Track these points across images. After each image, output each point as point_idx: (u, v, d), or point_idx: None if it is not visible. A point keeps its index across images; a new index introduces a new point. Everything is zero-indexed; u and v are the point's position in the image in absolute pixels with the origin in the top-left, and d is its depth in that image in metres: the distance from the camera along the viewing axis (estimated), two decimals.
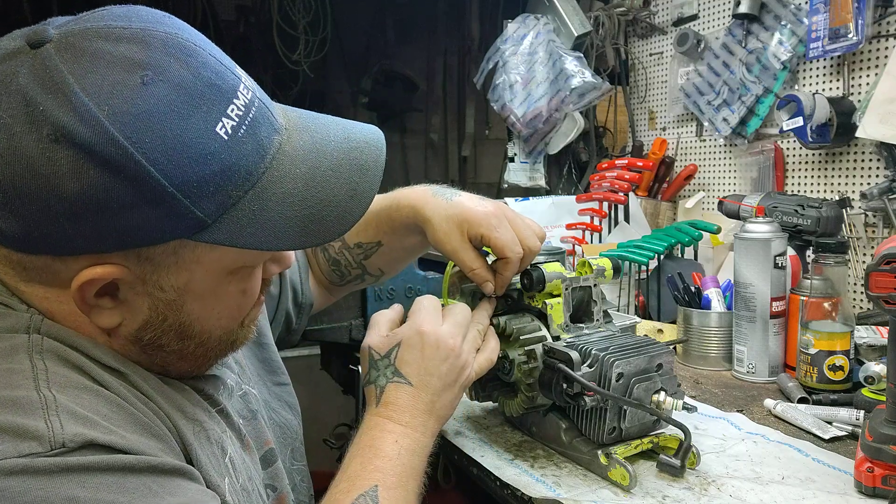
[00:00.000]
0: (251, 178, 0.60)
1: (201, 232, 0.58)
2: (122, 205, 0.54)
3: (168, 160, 0.54)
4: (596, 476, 0.90)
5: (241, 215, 0.59)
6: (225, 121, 0.58)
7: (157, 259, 0.59)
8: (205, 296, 0.64)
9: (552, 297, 0.99)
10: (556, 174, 2.47)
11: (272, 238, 0.60)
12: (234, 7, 3.03)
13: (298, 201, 0.62)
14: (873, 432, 0.83)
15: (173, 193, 0.55)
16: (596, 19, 2.32)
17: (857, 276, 1.60)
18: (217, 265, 0.63)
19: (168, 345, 0.65)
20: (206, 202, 0.57)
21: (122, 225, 0.55)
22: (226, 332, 0.69)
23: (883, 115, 1.48)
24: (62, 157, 0.52)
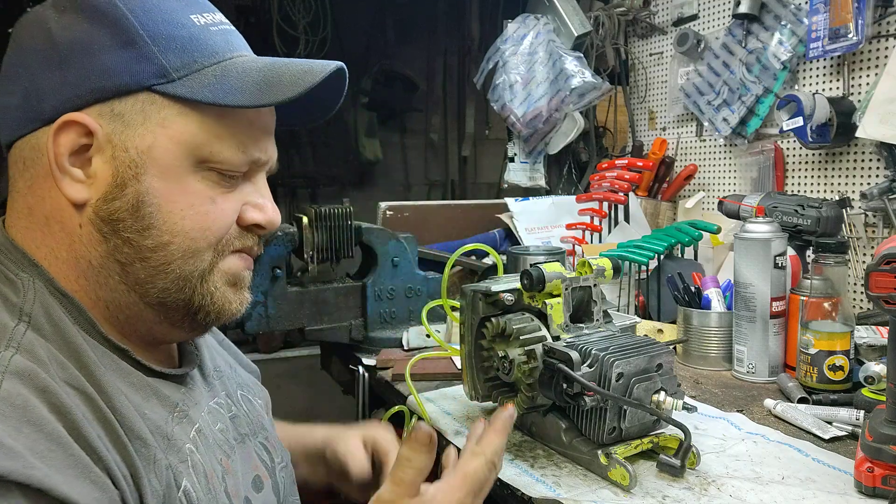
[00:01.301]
0: (216, 56, 0.68)
1: (166, 84, 0.65)
2: (101, 46, 0.64)
3: (143, 12, 0.66)
4: (596, 476, 0.90)
5: (204, 78, 0.67)
6: (200, 16, 0.69)
7: (127, 116, 0.65)
8: (168, 175, 0.66)
9: (552, 297, 0.99)
10: (556, 174, 2.47)
11: (230, 95, 0.66)
12: (234, 7, 3.03)
13: (256, 72, 0.68)
14: (873, 432, 0.83)
15: (143, 36, 0.65)
16: (596, 19, 2.32)
17: (857, 276, 1.60)
18: (182, 136, 0.66)
19: (124, 225, 0.66)
20: (171, 55, 0.66)
21: (100, 65, 0.64)
22: (192, 246, 0.68)
23: (883, 115, 1.48)
24: (66, 17, 0.65)
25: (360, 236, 1.53)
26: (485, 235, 2.04)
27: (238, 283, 0.75)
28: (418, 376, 1.31)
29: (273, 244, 1.43)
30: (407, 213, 2.00)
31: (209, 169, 0.68)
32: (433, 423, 1.12)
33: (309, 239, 1.46)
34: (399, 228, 1.71)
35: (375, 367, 1.43)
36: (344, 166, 3.45)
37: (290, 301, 1.46)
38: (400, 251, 1.56)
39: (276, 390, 1.02)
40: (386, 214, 1.97)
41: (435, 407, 1.18)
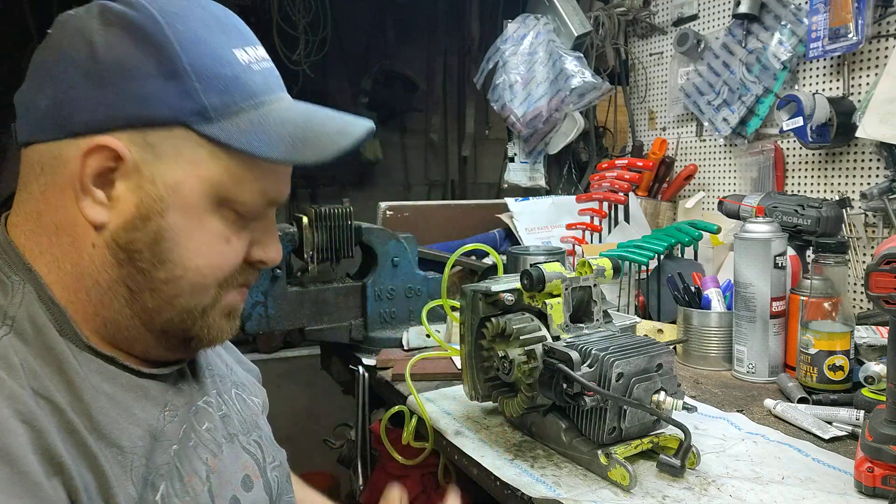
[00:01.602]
0: (255, 99, 0.68)
1: (203, 123, 0.65)
2: (145, 72, 0.64)
3: (191, 45, 0.65)
4: (596, 476, 0.90)
5: (242, 123, 0.66)
6: (242, 51, 0.69)
7: (160, 147, 0.65)
8: (189, 213, 0.67)
9: (552, 297, 0.99)
10: (556, 174, 2.47)
11: (265, 146, 0.66)
12: (234, 7, 3.02)
13: (293, 126, 0.69)
14: (873, 432, 0.83)
15: (188, 71, 0.64)
16: (596, 19, 2.32)
17: (857, 276, 1.60)
18: (209, 177, 0.67)
19: (141, 256, 0.66)
20: (212, 94, 0.65)
21: (140, 92, 0.63)
22: (200, 282, 0.69)
23: (883, 115, 1.48)
24: (113, 33, 0.64)
25: (360, 236, 1.53)
26: (485, 235, 2.04)
27: (232, 314, 0.76)
28: (418, 376, 1.31)
29: None
30: (407, 213, 2.00)
31: (228, 208, 0.69)
32: (433, 423, 1.12)
33: (309, 239, 1.46)
34: (399, 228, 1.71)
35: (375, 367, 1.43)
36: (344, 166, 3.45)
37: (290, 301, 1.46)
38: (400, 251, 1.56)
39: (276, 390, 1.02)
40: (386, 214, 1.97)
41: (435, 407, 1.18)
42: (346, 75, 3.36)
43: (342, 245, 1.49)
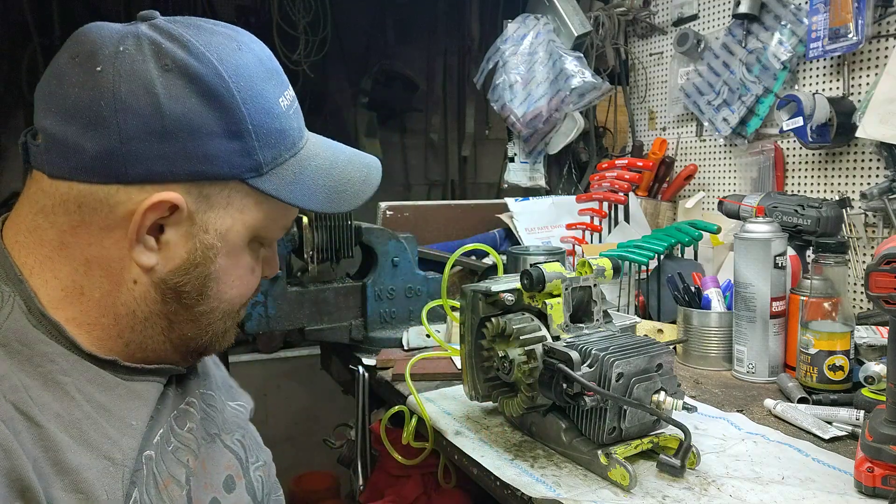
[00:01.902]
0: (295, 147, 0.73)
1: (256, 178, 0.69)
2: (210, 132, 0.65)
3: (252, 103, 0.67)
4: (596, 476, 0.90)
5: (286, 174, 0.71)
6: (284, 97, 0.72)
7: (213, 198, 0.68)
8: (231, 254, 0.72)
9: (552, 297, 0.99)
10: (556, 174, 2.47)
11: (305, 198, 0.72)
12: (234, 7, 3.03)
13: (325, 175, 0.75)
14: (873, 432, 0.83)
15: (250, 131, 0.67)
16: (596, 19, 2.32)
17: (857, 276, 1.60)
18: (253, 222, 0.72)
19: (189, 295, 0.70)
20: (266, 151, 0.69)
21: (205, 150, 0.65)
22: (231, 308, 0.76)
23: (883, 115, 1.48)
24: (175, 83, 0.63)
25: (360, 236, 1.53)
26: (485, 235, 2.04)
27: (240, 320, 0.82)
28: (418, 376, 1.31)
29: None
30: (407, 213, 2.00)
31: (257, 242, 0.75)
32: (433, 423, 1.12)
33: (309, 239, 1.46)
34: (399, 228, 1.71)
35: (375, 367, 1.43)
36: None
37: (290, 301, 1.46)
38: (400, 251, 1.56)
39: (276, 390, 1.02)
40: (386, 214, 1.97)
41: (435, 407, 1.18)
42: (346, 75, 3.36)
43: (342, 245, 1.49)
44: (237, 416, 0.88)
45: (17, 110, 2.79)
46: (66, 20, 2.62)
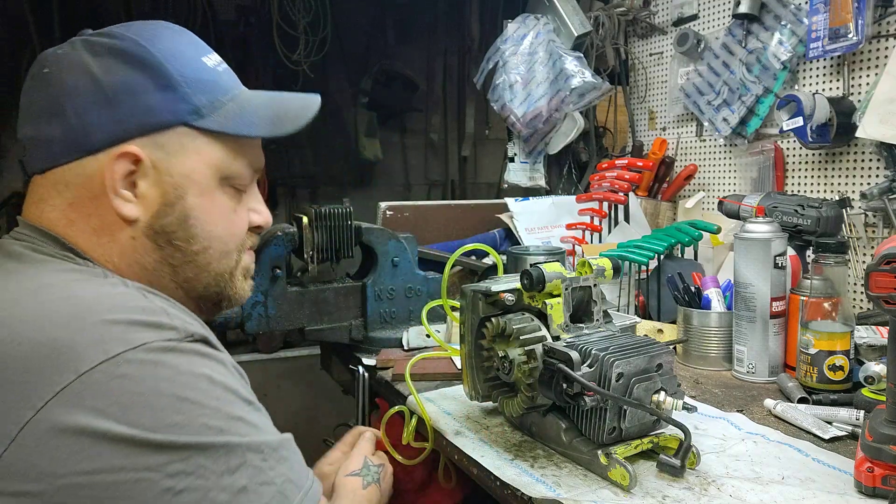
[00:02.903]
0: (230, 94, 0.84)
1: (199, 119, 0.80)
2: (145, 88, 0.77)
3: (174, 59, 0.79)
4: (596, 476, 0.90)
5: (227, 113, 0.82)
6: (208, 58, 0.84)
7: (168, 146, 0.79)
8: (203, 193, 0.81)
9: (552, 297, 0.99)
10: (556, 174, 2.47)
11: (252, 127, 0.83)
12: (234, 7, 3.03)
13: (265, 108, 0.86)
14: (873, 432, 0.83)
15: (179, 81, 0.78)
16: (596, 19, 2.32)
17: (857, 276, 1.60)
18: (211, 160, 0.81)
19: (176, 235, 0.80)
20: (201, 95, 0.80)
21: (145, 105, 0.77)
22: (224, 248, 0.85)
23: (883, 115, 1.48)
24: (106, 61, 0.77)
25: (360, 236, 1.53)
26: (485, 235, 2.04)
27: (247, 274, 0.92)
28: (418, 376, 1.31)
29: (273, 244, 1.43)
30: (407, 213, 2.00)
31: (229, 185, 0.85)
32: (433, 423, 1.12)
33: (309, 239, 1.46)
34: (399, 228, 1.71)
35: (375, 367, 1.43)
36: (344, 166, 3.45)
37: (290, 301, 1.45)
38: (400, 251, 1.56)
39: (276, 390, 1.03)
40: (386, 214, 1.97)
41: (435, 407, 1.18)
42: (346, 75, 3.36)
43: (342, 245, 1.49)
44: None
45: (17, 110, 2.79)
46: (66, 20, 2.61)
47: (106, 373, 0.61)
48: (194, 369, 0.67)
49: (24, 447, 0.59)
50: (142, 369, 0.63)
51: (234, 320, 1.40)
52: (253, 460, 0.67)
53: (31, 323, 0.65)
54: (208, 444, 0.64)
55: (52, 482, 0.58)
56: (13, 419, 0.59)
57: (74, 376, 0.61)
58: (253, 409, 0.72)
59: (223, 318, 1.39)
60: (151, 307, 0.70)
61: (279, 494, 0.68)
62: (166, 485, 0.61)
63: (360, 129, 3.42)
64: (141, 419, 0.61)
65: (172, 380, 0.64)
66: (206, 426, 0.64)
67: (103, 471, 0.59)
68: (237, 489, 0.65)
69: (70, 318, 0.65)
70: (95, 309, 0.67)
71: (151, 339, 0.65)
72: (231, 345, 2.77)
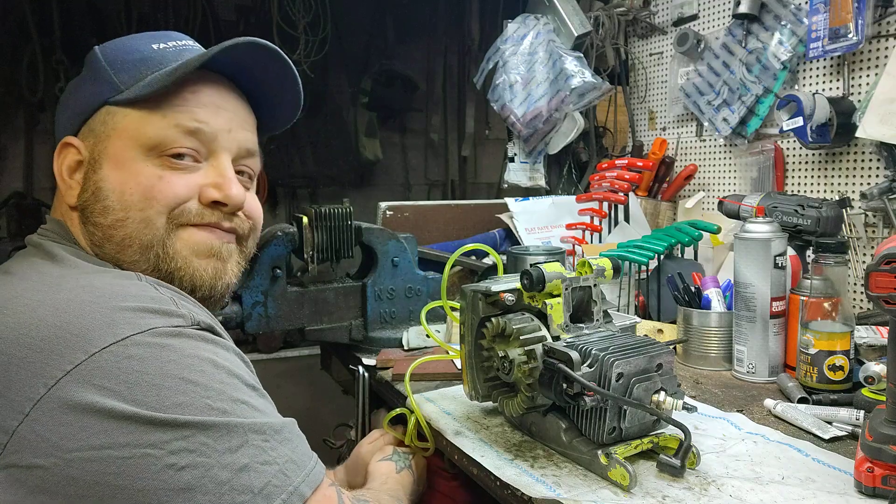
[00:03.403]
0: (162, 66, 0.83)
1: (116, 95, 0.82)
2: (79, 85, 0.87)
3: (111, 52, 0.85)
4: (596, 476, 0.90)
5: (143, 83, 0.82)
6: (161, 44, 0.86)
7: (97, 129, 0.83)
8: (120, 165, 0.81)
9: (552, 297, 0.99)
10: (556, 174, 2.47)
11: (154, 84, 0.81)
12: (234, 7, 3.03)
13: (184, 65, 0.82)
14: (873, 432, 0.83)
15: (105, 68, 0.83)
16: (596, 19, 2.32)
17: (857, 276, 1.60)
18: (128, 132, 0.82)
19: (91, 209, 0.82)
20: (123, 74, 0.83)
21: (79, 98, 0.85)
22: (143, 216, 0.81)
23: (883, 115, 1.48)
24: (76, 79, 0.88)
25: (360, 236, 1.53)
26: (485, 235, 2.04)
27: (209, 253, 0.86)
28: (418, 376, 1.31)
29: (273, 244, 1.43)
30: (407, 213, 2.00)
31: (159, 155, 0.82)
32: (433, 423, 1.12)
33: (309, 239, 1.46)
34: (399, 228, 1.71)
35: (375, 368, 1.42)
36: (344, 166, 3.45)
37: (290, 301, 1.45)
38: (400, 251, 1.56)
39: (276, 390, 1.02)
40: (386, 214, 1.97)
41: (435, 407, 1.18)
42: (346, 75, 3.36)
43: (342, 245, 1.49)
44: None
45: (17, 110, 2.80)
46: (66, 20, 2.62)
47: (115, 353, 0.64)
48: (199, 353, 0.68)
49: (37, 422, 0.61)
50: (149, 351, 0.65)
51: (234, 320, 1.40)
52: (255, 440, 0.68)
53: (51, 308, 0.67)
54: (210, 423, 0.65)
55: (62, 456, 0.60)
56: (28, 395, 0.62)
57: (85, 356, 0.63)
58: (257, 395, 0.73)
59: (223, 318, 1.39)
60: (161, 297, 0.72)
61: (280, 474, 0.69)
62: (169, 461, 0.62)
63: (360, 129, 3.43)
64: (146, 398, 0.63)
65: (178, 362, 0.66)
66: (210, 407, 0.66)
67: (110, 446, 0.61)
68: (238, 467, 0.66)
69: (85, 304, 0.68)
70: (109, 297, 0.69)
71: (159, 325, 0.68)
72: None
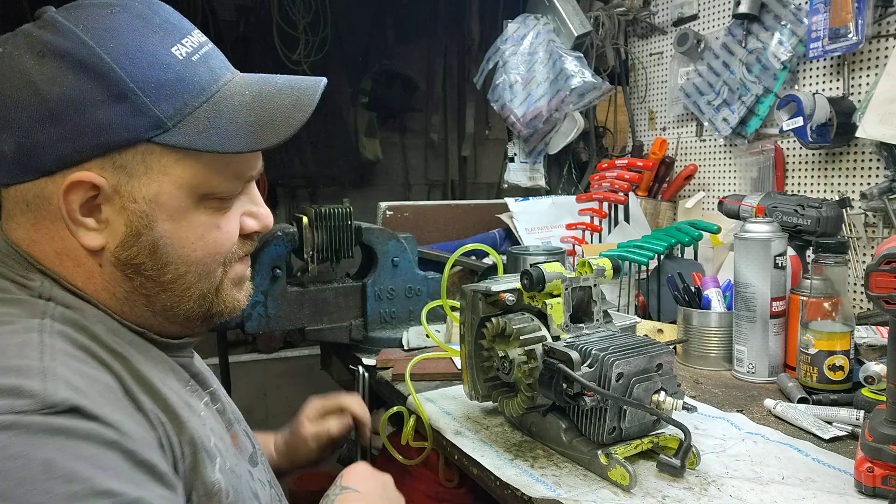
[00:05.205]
0: (205, 93, 0.70)
1: (162, 133, 0.67)
2: (93, 101, 0.64)
3: (129, 61, 0.65)
4: (596, 476, 0.90)
5: (198, 122, 0.68)
6: (180, 46, 0.69)
7: (129, 167, 0.67)
8: (176, 217, 0.70)
9: (552, 297, 0.99)
10: (556, 174, 2.47)
11: (225, 141, 0.69)
12: (234, 7, 3.03)
13: (247, 111, 0.71)
14: (873, 432, 0.83)
15: (134, 90, 0.65)
16: (596, 19, 2.32)
17: (857, 276, 1.60)
18: (183, 180, 0.69)
19: (145, 266, 0.71)
20: (164, 103, 0.67)
21: (95, 121, 0.65)
22: (205, 269, 0.74)
23: (883, 115, 1.48)
24: (49, 66, 0.65)
25: (360, 236, 1.53)
26: (485, 235, 2.04)
27: (241, 282, 0.81)
28: (418, 376, 1.31)
29: (273, 244, 1.43)
30: (407, 213, 2.00)
31: (209, 199, 0.72)
32: (433, 423, 1.12)
33: (309, 239, 1.46)
34: (399, 228, 1.71)
35: (375, 368, 1.43)
36: (344, 166, 3.45)
37: (290, 301, 1.46)
38: (400, 251, 1.56)
39: (276, 390, 1.02)
40: (386, 214, 1.97)
41: (435, 407, 1.18)
42: (346, 75, 3.36)
43: (342, 245, 1.49)
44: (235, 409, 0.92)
45: None
46: None
47: None
48: (31, 453, 0.53)
49: None
50: None
51: (234, 320, 1.40)
52: None
53: None
54: None
55: None
56: None
57: None
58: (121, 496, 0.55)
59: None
60: (29, 367, 0.58)
61: None
62: None
63: (360, 129, 3.43)
64: None
65: None
66: None
67: None
68: None
69: None
70: None
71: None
72: (231, 345, 2.77)
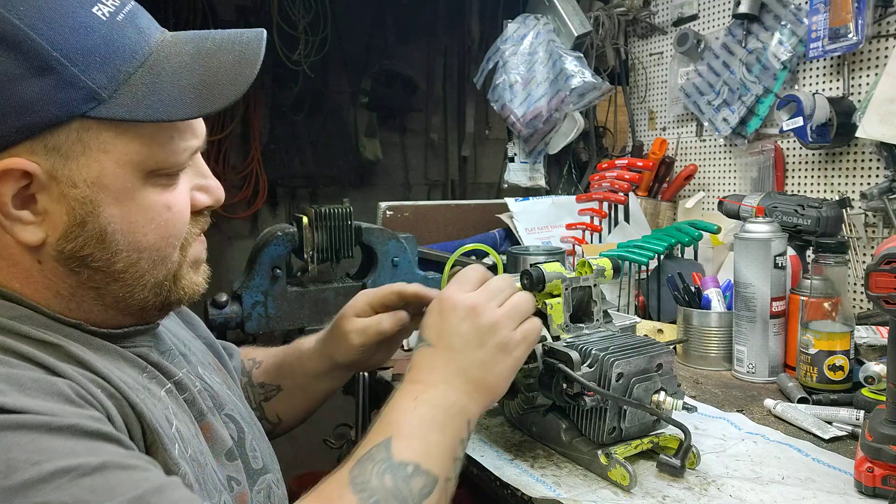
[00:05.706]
0: (138, 56, 0.62)
1: (98, 106, 0.59)
2: (11, 76, 0.57)
3: (47, 26, 0.57)
4: (596, 476, 0.90)
5: (136, 90, 0.61)
6: (101, 5, 0.61)
7: (64, 147, 0.60)
8: (122, 199, 0.63)
9: (552, 297, 0.99)
10: (556, 174, 2.47)
11: (170, 108, 0.62)
12: (234, 7, 3.03)
13: (188, 72, 0.63)
14: (873, 432, 0.83)
15: (58, 59, 0.57)
16: (596, 19, 2.32)
17: (857, 276, 1.60)
18: (126, 157, 0.63)
19: (93, 257, 0.64)
20: (95, 73, 0.59)
21: (16, 100, 0.57)
22: (159, 255, 0.68)
23: (883, 115, 1.48)
24: None
25: (360, 236, 1.53)
26: (485, 235, 2.04)
27: (197, 264, 0.75)
28: None
29: (273, 244, 1.43)
30: (407, 213, 2.00)
31: (157, 175, 0.66)
32: None
33: (309, 239, 1.46)
34: (399, 228, 1.71)
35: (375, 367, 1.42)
36: (344, 166, 3.45)
37: (290, 301, 1.46)
38: (400, 251, 1.56)
39: None
40: (386, 214, 1.97)
41: None
42: (346, 75, 3.36)
43: (342, 245, 1.49)
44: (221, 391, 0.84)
45: None
46: None
47: None
48: None
49: None
50: None
51: (233, 320, 1.40)
52: None
53: None
54: None
55: None
56: None
57: None
58: None
59: (223, 319, 1.39)
60: None
61: None
62: None
63: (360, 129, 3.42)
64: None
65: None
66: None
67: None
68: None
69: None
70: None
71: None
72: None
